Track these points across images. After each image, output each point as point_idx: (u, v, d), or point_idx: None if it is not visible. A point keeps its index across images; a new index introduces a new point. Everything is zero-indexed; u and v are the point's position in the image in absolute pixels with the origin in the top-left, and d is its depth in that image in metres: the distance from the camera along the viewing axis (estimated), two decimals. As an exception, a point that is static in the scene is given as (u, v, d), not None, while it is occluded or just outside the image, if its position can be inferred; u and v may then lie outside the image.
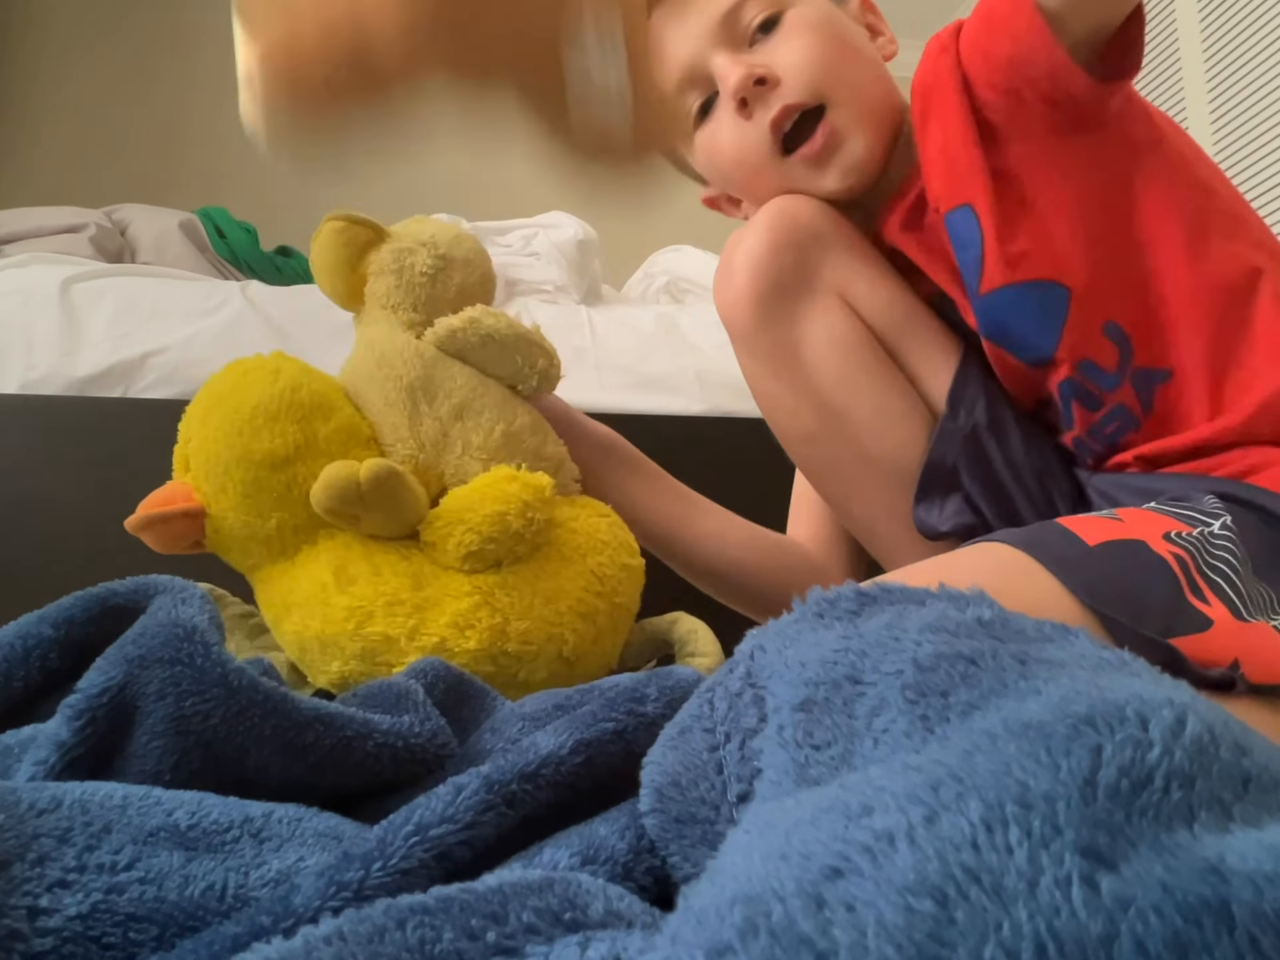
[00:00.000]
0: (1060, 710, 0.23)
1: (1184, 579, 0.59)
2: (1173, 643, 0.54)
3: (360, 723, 0.38)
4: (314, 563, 0.80)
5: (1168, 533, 0.61)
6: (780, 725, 0.29)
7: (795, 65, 0.83)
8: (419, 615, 0.78)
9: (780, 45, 0.84)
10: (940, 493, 0.85)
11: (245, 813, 0.27)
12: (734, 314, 0.89)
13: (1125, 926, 0.17)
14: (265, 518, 0.80)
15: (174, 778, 0.33)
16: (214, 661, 0.36)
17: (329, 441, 0.81)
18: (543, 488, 0.81)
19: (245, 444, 0.78)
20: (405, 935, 0.19)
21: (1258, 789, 0.23)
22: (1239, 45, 2.41)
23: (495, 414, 0.87)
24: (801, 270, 0.86)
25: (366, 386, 0.87)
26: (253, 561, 0.83)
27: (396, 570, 0.79)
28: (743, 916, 0.18)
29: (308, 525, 0.81)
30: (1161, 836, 0.20)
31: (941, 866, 0.18)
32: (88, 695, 0.35)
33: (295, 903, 0.22)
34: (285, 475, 0.79)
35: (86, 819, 0.24)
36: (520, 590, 0.80)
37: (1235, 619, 0.57)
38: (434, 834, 0.25)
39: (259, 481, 0.79)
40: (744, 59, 0.84)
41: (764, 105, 0.83)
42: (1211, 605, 0.58)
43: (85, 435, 1.34)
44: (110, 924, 0.22)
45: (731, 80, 0.83)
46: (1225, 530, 0.64)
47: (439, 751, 0.41)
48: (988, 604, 0.34)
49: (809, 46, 0.83)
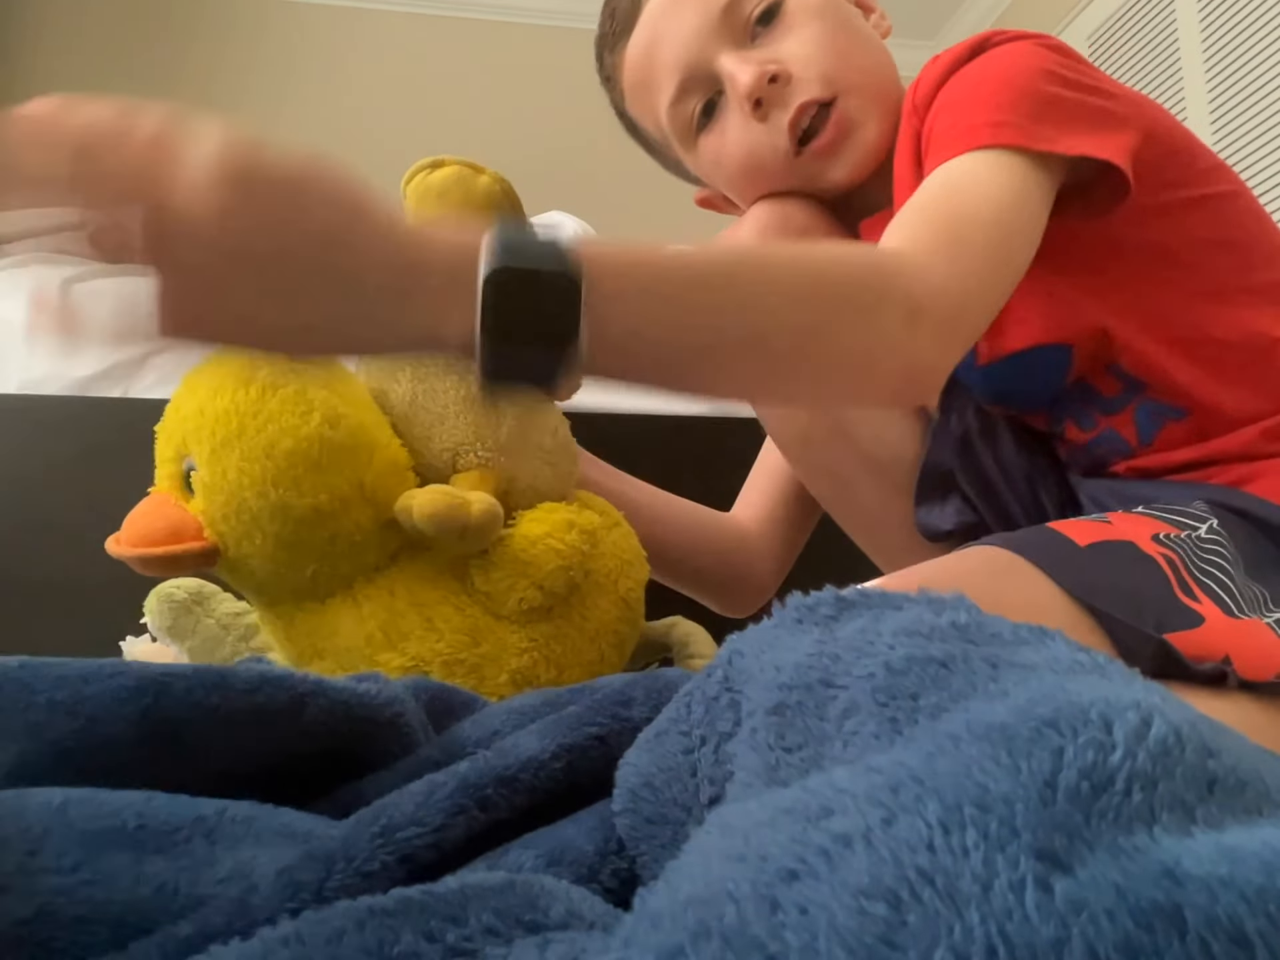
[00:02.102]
0: (1025, 713, 0.23)
1: (1174, 577, 0.59)
2: (1166, 638, 0.55)
3: (313, 683, 0.38)
4: (352, 611, 0.73)
5: (1156, 534, 0.62)
6: (754, 728, 0.29)
7: (805, 57, 0.79)
8: (477, 675, 0.72)
9: (785, 36, 0.80)
10: (939, 494, 0.85)
11: (196, 811, 0.27)
12: None
13: (1077, 930, 0.17)
14: (300, 569, 0.71)
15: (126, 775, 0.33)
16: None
17: (375, 488, 0.72)
18: (594, 531, 0.77)
19: (282, 498, 0.68)
20: (364, 937, 0.19)
21: (1222, 791, 0.23)
22: (1239, 45, 2.40)
23: (551, 411, 0.82)
24: None
25: (425, 387, 0.76)
26: (270, 599, 0.75)
27: (452, 624, 0.73)
28: (696, 919, 0.18)
29: (347, 574, 0.73)
30: (1120, 839, 0.20)
31: (896, 869, 0.18)
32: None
33: (252, 903, 0.22)
34: (329, 529, 0.70)
35: (23, 824, 0.23)
36: (570, 636, 0.77)
37: (1227, 616, 0.58)
38: (401, 836, 0.25)
39: (298, 536, 0.69)
40: (752, 56, 0.80)
41: (780, 105, 0.80)
42: (1202, 603, 0.58)
43: (85, 435, 1.34)
44: (58, 927, 0.22)
45: (743, 82, 0.78)
46: (1213, 533, 0.64)
47: (394, 712, 0.41)
48: (965, 608, 0.34)
49: (816, 35, 0.80)
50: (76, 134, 0.39)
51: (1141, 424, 0.78)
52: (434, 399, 0.77)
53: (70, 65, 3.13)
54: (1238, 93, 2.41)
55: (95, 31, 3.18)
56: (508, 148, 3.41)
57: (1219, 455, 0.75)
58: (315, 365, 0.72)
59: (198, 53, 3.27)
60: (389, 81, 3.42)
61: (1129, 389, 0.77)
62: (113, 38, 3.19)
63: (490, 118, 3.44)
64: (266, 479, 0.67)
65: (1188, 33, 2.58)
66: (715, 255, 0.55)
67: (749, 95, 0.79)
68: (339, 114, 3.38)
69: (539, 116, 3.43)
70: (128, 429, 1.34)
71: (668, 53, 0.82)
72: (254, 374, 0.70)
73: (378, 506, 0.72)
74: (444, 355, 0.46)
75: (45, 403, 1.33)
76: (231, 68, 3.29)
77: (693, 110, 0.84)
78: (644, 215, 3.34)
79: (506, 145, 3.41)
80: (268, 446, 0.68)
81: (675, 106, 0.84)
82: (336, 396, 0.72)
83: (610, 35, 0.87)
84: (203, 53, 3.27)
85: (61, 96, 0.41)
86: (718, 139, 0.84)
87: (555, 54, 3.52)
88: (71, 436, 1.34)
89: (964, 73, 0.72)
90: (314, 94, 3.37)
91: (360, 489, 0.71)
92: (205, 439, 0.69)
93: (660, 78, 0.83)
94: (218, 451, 0.69)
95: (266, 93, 3.32)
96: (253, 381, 0.69)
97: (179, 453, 0.72)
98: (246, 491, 0.68)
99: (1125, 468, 0.79)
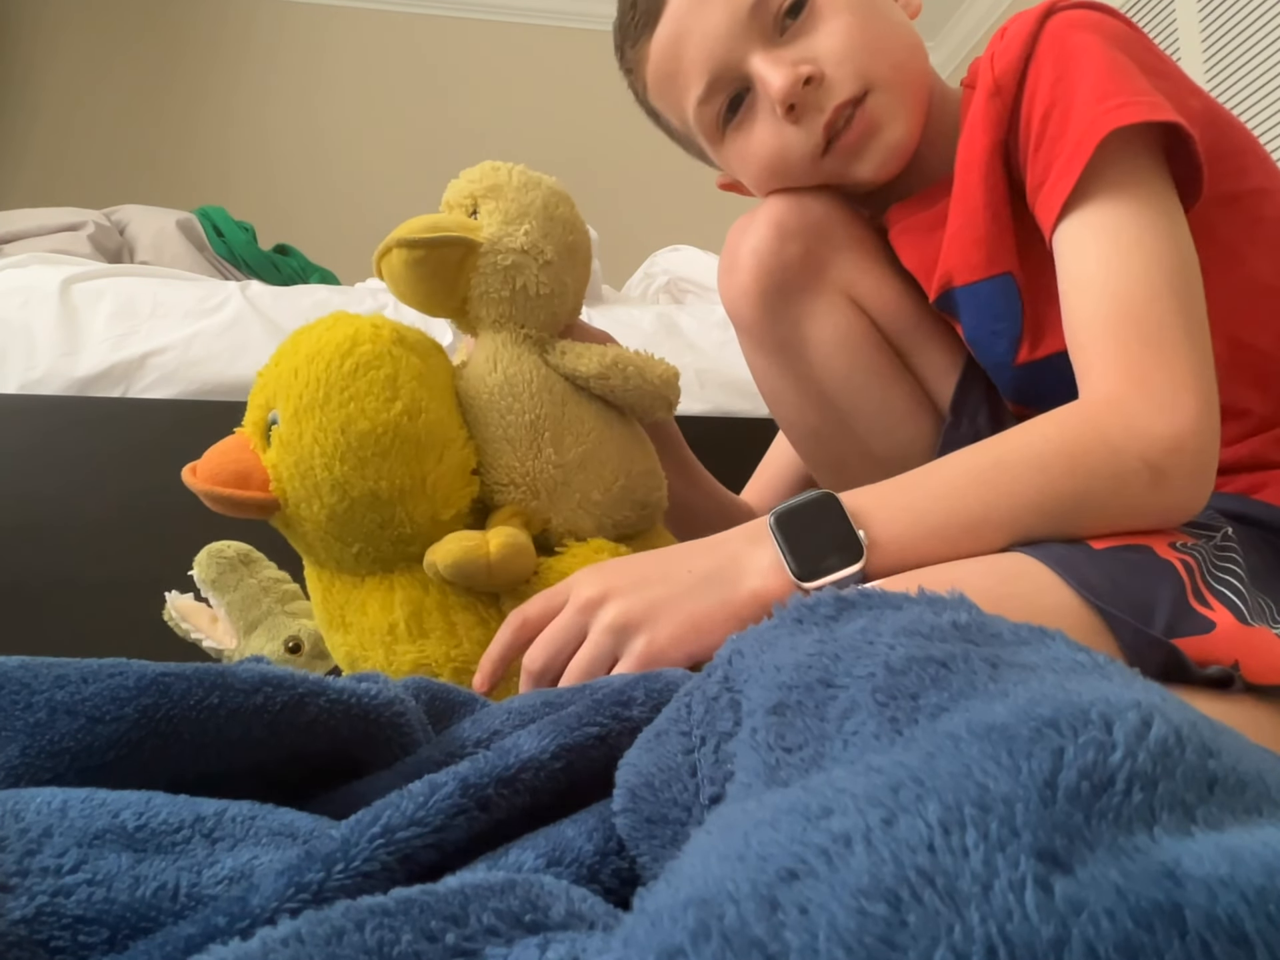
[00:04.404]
0: (1025, 713, 0.23)
1: (1189, 583, 0.58)
2: (1175, 643, 0.54)
3: (313, 682, 0.38)
4: (385, 595, 0.74)
5: (1173, 541, 0.61)
6: (754, 728, 0.29)
7: (838, 52, 0.76)
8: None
9: (815, 29, 0.77)
10: None
11: (196, 812, 0.27)
12: (739, 307, 0.87)
13: (1076, 930, 0.17)
14: (347, 544, 0.73)
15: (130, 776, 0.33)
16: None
17: (436, 486, 0.73)
18: None
19: (345, 473, 0.70)
20: (364, 937, 0.19)
21: (1223, 791, 0.23)
22: (1239, 45, 2.40)
23: (618, 465, 0.80)
24: (808, 265, 0.84)
25: (486, 409, 0.77)
26: (316, 559, 0.78)
27: (472, 635, 0.73)
28: (695, 918, 0.18)
29: (388, 559, 0.74)
30: (1120, 839, 0.20)
31: (896, 869, 0.18)
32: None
33: (253, 903, 0.22)
34: (381, 515, 0.72)
35: (21, 825, 0.23)
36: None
37: (1240, 623, 0.57)
38: (401, 836, 0.25)
39: (351, 513, 0.71)
40: (784, 56, 0.77)
41: (814, 108, 0.78)
42: (1215, 609, 0.57)
43: (85, 435, 1.34)
44: (58, 927, 0.22)
45: (776, 85, 0.76)
46: (1227, 541, 0.64)
47: (394, 713, 0.41)
48: (966, 608, 0.34)
49: (847, 27, 0.77)
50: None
51: None
52: (503, 415, 0.77)
53: (69, 65, 3.14)
54: (1238, 92, 2.41)
55: (93, 31, 3.18)
56: (508, 148, 3.42)
57: (1231, 464, 0.74)
58: (421, 350, 0.75)
59: (194, 52, 3.27)
60: (389, 81, 3.42)
61: None
62: (109, 37, 3.19)
63: (490, 118, 3.44)
64: (335, 453, 0.70)
65: (1188, 33, 2.58)
66: (955, 462, 0.64)
67: (783, 101, 0.77)
68: (337, 113, 3.38)
69: (539, 116, 3.43)
70: (128, 429, 1.35)
71: (695, 51, 0.80)
72: (354, 348, 0.71)
73: (434, 504, 0.73)
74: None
75: (45, 403, 1.34)
76: (226, 67, 3.29)
77: (720, 107, 0.82)
78: (644, 215, 3.34)
79: (507, 145, 3.42)
80: (345, 423, 0.70)
81: (703, 105, 0.82)
82: (425, 390, 0.73)
83: (632, 26, 0.85)
84: (199, 52, 3.27)
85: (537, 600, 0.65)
86: (745, 136, 0.83)
87: (556, 54, 3.52)
88: (71, 436, 1.34)
89: (1054, 72, 0.70)
90: (313, 93, 3.36)
91: (421, 483, 0.72)
92: (292, 399, 0.71)
93: (688, 75, 0.81)
94: (300, 414, 0.70)
95: (265, 92, 3.32)
96: (350, 355, 0.71)
97: (268, 403, 0.74)
98: (315, 460, 0.70)
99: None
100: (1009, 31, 0.73)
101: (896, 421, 0.86)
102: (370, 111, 3.36)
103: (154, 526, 1.29)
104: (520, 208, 0.77)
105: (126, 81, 3.16)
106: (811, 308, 0.85)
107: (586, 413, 0.79)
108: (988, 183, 0.74)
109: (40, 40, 3.13)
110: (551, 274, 0.77)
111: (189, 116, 3.19)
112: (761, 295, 0.85)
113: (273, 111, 3.28)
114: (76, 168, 3.02)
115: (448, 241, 0.74)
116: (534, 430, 0.76)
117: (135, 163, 3.08)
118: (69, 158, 3.04)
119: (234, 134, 3.22)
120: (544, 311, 0.78)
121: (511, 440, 0.76)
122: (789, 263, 0.84)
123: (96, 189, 2.70)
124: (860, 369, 0.86)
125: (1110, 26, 0.71)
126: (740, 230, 0.87)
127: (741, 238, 0.86)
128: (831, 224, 0.85)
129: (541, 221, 0.77)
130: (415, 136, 3.35)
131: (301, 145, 3.27)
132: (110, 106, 3.13)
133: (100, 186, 2.81)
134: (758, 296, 0.85)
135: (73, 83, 3.11)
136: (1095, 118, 0.65)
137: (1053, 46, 0.70)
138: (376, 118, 3.36)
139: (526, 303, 0.77)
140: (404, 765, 0.39)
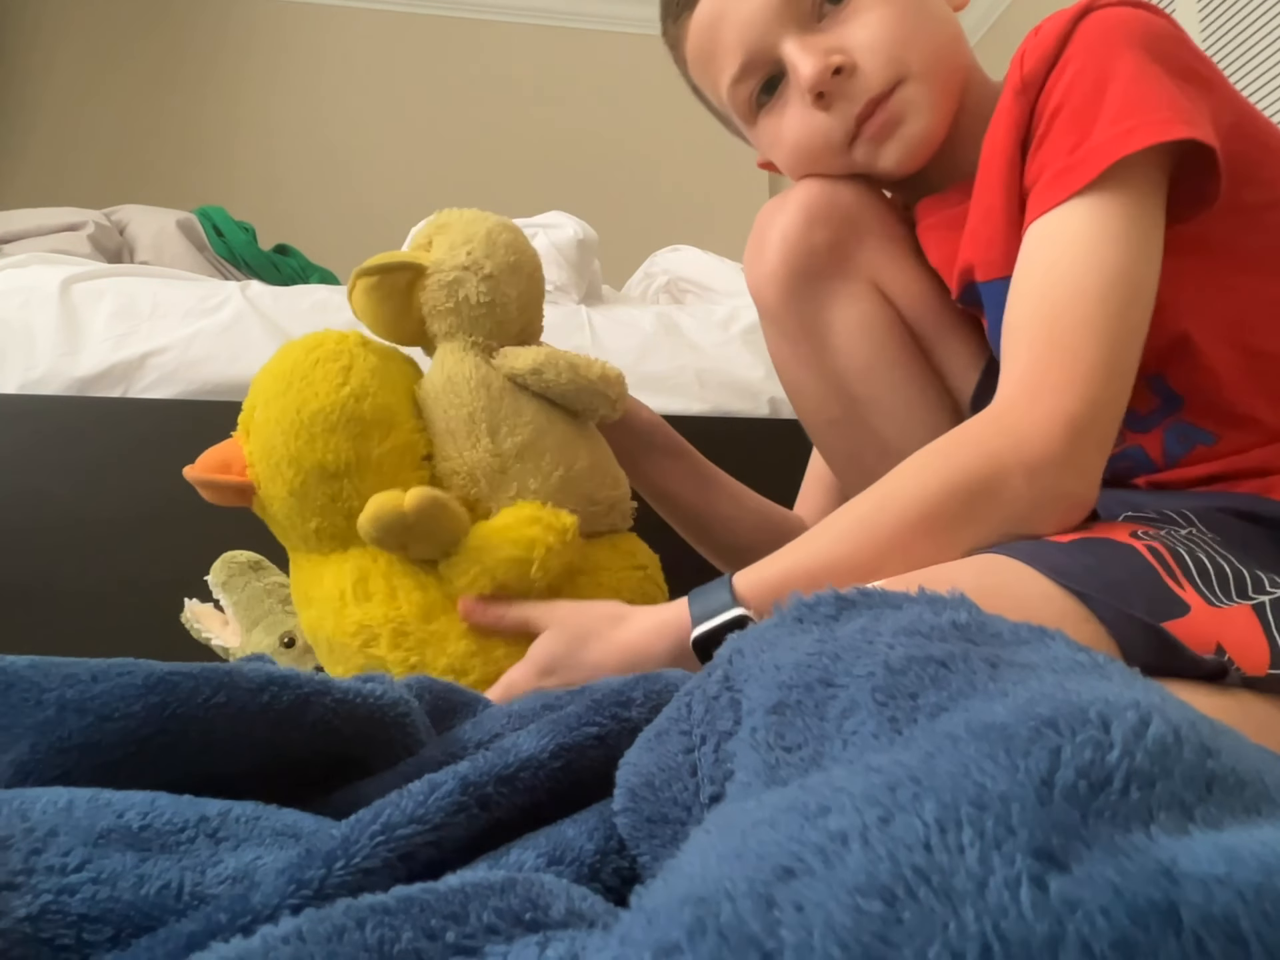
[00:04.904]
0: (1023, 712, 0.23)
1: (1159, 565, 0.58)
2: (1164, 626, 0.54)
3: (319, 682, 0.38)
4: (340, 566, 0.81)
5: (1134, 531, 0.62)
6: (753, 728, 0.29)
7: (872, 44, 0.76)
8: (420, 653, 0.78)
9: (854, 19, 0.77)
10: None
11: (200, 812, 0.27)
12: (764, 291, 0.87)
13: (1072, 928, 0.17)
14: (306, 519, 0.80)
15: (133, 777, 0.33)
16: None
17: (381, 462, 0.80)
18: (565, 529, 0.79)
19: (299, 448, 0.78)
20: (364, 935, 0.19)
21: (1221, 790, 0.23)
22: (1239, 45, 2.40)
23: (556, 456, 0.84)
24: (835, 252, 0.84)
25: (432, 406, 0.84)
26: (289, 544, 0.85)
27: (411, 598, 0.79)
28: (692, 916, 0.18)
29: (344, 535, 0.80)
30: (1117, 838, 0.20)
31: (892, 867, 0.18)
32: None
33: (254, 901, 0.22)
34: (331, 488, 0.79)
35: (28, 825, 0.24)
36: (523, 646, 0.77)
37: (1208, 605, 0.57)
38: (401, 834, 0.25)
39: (305, 487, 0.79)
40: (818, 44, 0.77)
41: (844, 97, 0.77)
42: (1185, 590, 0.57)
43: (85, 435, 1.34)
44: (62, 925, 0.22)
45: (805, 72, 0.76)
46: (1194, 531, 0.64)
47: (399, 713, 0.41)
48: (965, 607, 0.34)
49: (886, 19, 0.76)
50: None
51: (1170, 445, 0.76)
52: (445, 410, 0.84)
53: (70, 64, 3.14)
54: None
55: (93, 31, 3.19)
56: (509, 148, 3.42)
57: (1237, 472, 0.74)
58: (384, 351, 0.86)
59: (195, 52, 3.27)
60: (390, 81, 3.42)
61: (1165, 406, 0.75)
62: (109, 37, 3.19)
63: (491, 118, 3.44)
64: (292, 430, 0.78)
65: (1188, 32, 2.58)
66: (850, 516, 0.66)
67: (811, 89, 0.77)
68: (337, 113, 3.38)
69: (540, 117, 3.43)
70: (128, 429, 1.35)
71: (731, 32, 0.80)
72: (318, 346, 0.82)
73: (382, 480, 0.80)
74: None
75: (45, 403, 1.34)
76: (227, 66, 3.29)
77: (753, 89, 0.82)
78: (644, 215, 3.34)
79: (508, 145, 3.42)
80: (300, 404, 0.79)
81: (736, 85, 0.82)
82: (376, 380, 0.82)
83: (674, 3, 0.85)
84: (200, 52, 3.27)
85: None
86: (777, 120, 0.83)
87: (558, 54, 3.52)
88: (71, 436, 1.34)
89: (1078, 69, 0.68)
90: (313, 93, 3.36)
91: (367, 459, 0.79)
92: (263, 392, 0.82)
93: (723, 56, 0.82)
94: (268, 403, 0.80)
95: (266, 91, 3.32)
96: (314, 352, 0.81)
97: (252, 403, 0.84)
98: (276, 439, 0.79)
99: (1145, 482, 0.78)
100: (1042, 29, 0.72)
101: (915, 416, 0.86)
102: (371, 111, 3.36)
103: (154, 526, 1.29)
104: (465, 236, 0.86)
105: (126, 81, 3.16)
106: (837, 294, 0.85)
107: (525, 408, 0.84)
108: (1005, 181, 0.73)
109: (41, 40, 3.13)
110: (491, 285, 0.84)
111: (189, 117, 3.19)
112: (788, 279, 0.85)
113: (273, 111, 3.28)
114: (77, 168, 3.02)
115: (397, 266, 0.84)
116: (471, 422, 0.82)
117: (135, 162, 3.08)
118: (69, 158, 3.04)
119: (234, 134, 3.22)
120: (489, 320, 0.85)
121: (453, 432, 0.83)
122: (816, 248, 0.84)
123: (97, 189, 2.70)
124: (882, 359, 0.86)
125: (1146, 27, 0.69)
126: (769, 213, 0.87)
127: (770, 221, 0.86)
128: (861, 212, 0.84)
129: (483, 243, 0.85)
130: (416, 136, 3.36)
131: (301, 145, 3.27)
132: (110, 106, 3.13)
133: (101, 186, 2.81)
134: (784, 280, 0.85)
135: (73, 83, 3.11)
136: (1102, 143, 0.64)
137: (1080, 50, 0.69)
138: (377, 117, 3.36)
139: (470, 312, 0.84)
140: (405, 765, 0.39)
